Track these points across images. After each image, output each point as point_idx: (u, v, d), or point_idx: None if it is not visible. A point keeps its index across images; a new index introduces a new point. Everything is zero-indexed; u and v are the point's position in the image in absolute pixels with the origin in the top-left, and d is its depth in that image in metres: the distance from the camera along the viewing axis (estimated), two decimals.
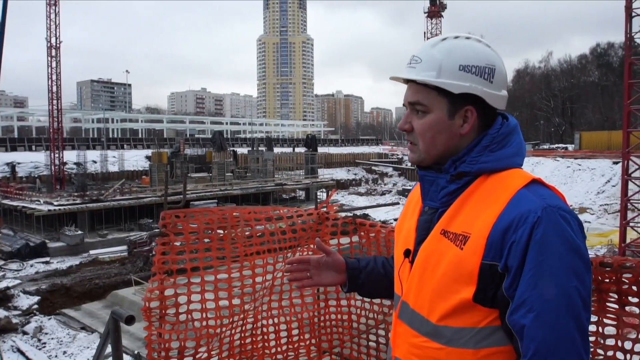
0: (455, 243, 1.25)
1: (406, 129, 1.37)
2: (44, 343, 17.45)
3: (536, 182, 1.25)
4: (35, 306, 20.37)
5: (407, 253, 1.40)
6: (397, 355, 1.41)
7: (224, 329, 2.70)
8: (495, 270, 1.18)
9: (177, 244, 2.60)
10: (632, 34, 22.01)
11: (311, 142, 60.92)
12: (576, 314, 1.13)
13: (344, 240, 2.95)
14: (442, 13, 61.79)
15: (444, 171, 1.34)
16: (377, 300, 2.80)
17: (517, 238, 1.15)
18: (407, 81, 1.38)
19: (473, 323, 1.23)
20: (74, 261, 29.05)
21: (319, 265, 1.65)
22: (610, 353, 1.93)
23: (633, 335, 1.88)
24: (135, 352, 14.56)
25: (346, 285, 1.69)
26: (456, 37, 1.34)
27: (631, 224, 23.58)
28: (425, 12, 61.71)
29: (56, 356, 16.45)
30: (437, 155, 1.34)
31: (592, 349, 1.99)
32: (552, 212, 1.16)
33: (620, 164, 26.08)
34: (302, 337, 2.99)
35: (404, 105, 1.41)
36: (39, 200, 36.81)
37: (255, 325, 2.86)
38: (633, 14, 21.70)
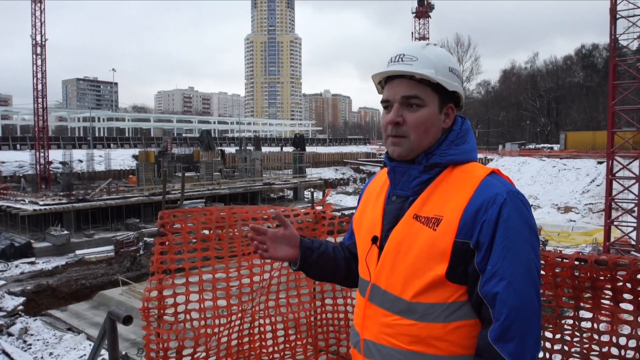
0: (427, 225, 1.38)
1: (399, 121, 1.45)
2: (30, 344, 17.22)
3: (495, 172, 1.43)
4: (21, 307, 20.08)
5: (374, 239, 1.51)
6: (367, 337, 1.48)
7: (221, 329, 2.70)
8: (467, 247, 1.33)
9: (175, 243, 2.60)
10: (617, 36, 22.32)
11: (299, 141, 60.80)
12: (534, 281, 1.31)
13: (340, 239, 2.97)
14: (430, 13, 62.04)
15: (416, 162, 1.46)
16: None
17: (488, 217, 1.32)
18: (388, 79, 1.49)
19: (443, 299, 1.35)
20: (59, 261, 28.66)
21: (275, 238, 1.69)
22: (605, 349, 1.98)
23: (627, 331, 1.92)
24: (123, 352, 14.45)
25: (297, 262, 1.72)
26: (435, 45, 1.51)
27: (615, 223, 23.91)
28: (413, 13, 61.90)
29: (42, 357, 16.23)
30: (426, 146, 1.46)
31: (587, 345, 2.04)
32: (513, 196, 1.34)
33: (604, 164, 26.46)
34: (298, 336, 3.01)
35: (388, 100, 1.48)
36: (24, 200, 36.29)
37: (252, 325, 2.87)
38: (617, 16, 22.01)
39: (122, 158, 61.68)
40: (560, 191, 44.21)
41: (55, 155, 50.79)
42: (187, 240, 2.61)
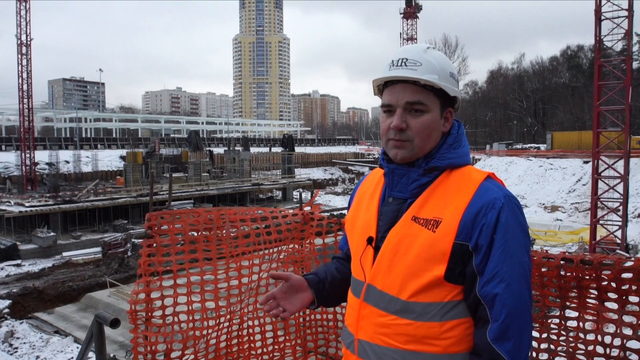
0: (427, 227, 1.40)
1: (403, 127, 1.46)
2: (16, 348, 17.00)
3: (490, 177, 1.46)
4: (6, 310, 19.83)
5: (370, 240, 1.52)
6: (362, 338, 1.49)
7: (210, 331, 2.69)
8: (466, 249, 1.36)
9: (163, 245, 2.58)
10: (602, 37, 22.58)
11: (288, 141, 60.76)
12: (528, 282, 1.37)
13: (329, 240, 2.98)
14: (418, 14, 62.27)
15: (416, 165, 1.48)
16: None
17: (487, 221, 1.35)
18: (388, 82, 1.50)
19: (440, 298, 1.38)
20: (46, 263, 28.35)
21: (283, 295, 1.64)
22: (590, 347, 2.00)
23: (612, 330, 1.95)
24: (111, 355, 14.32)
25: (314, 302, 1.69)
26: (434, 48, 1.51)
27: (601, 222, 24.19)
28: (401, 13, 62.09)
29: None
30: (429, 150, 1.47)
31: (573, 344, 2.06)
32: (510, 201, 1.38)
33: (590, 164, 26.75)
34: (287, 337, 3.00)
35: (390, 104, 1.48)
36: (9, 202, 35.86)
37: (241, 327, 2.86)
38: (602, 18, 22.27)
39: (110, 159, 61.15)
40: (547, 190, 44.62)
41: (41, 156, 50.19)
42: (174, 242, 2.60)
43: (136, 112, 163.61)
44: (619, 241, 23.40)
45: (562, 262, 1.99)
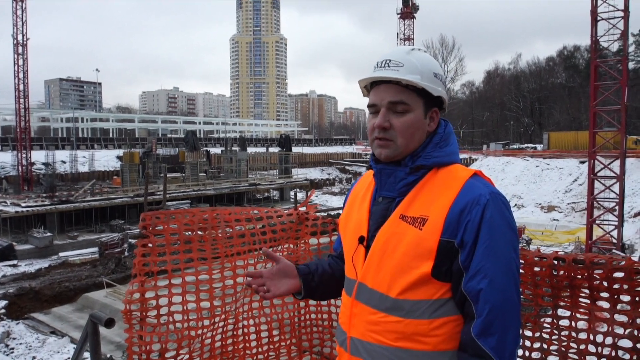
0: (414, 225, 1.42)
1: (386, 126, 1.48)
2: (12, 349, 16.95)
3: (477, 174, 1.48)
4: (3, 311, 19.79)
5: (361, 239, 1.54)
6: (354, 335, 1.51)
7: (205, 330, 2.69)
8: (452, 246, 1.38)
9: (158, 245, 2.59)
10: (598, 38, 22.65)
11: (285, 141, 60.74)
12: (515, 278, 1.38)
13: (324, 239, 2.98)
14: (415, 14, 62.36)
15: (402, 164, 1.50)
16: None
17: (472, 217, 1.37)
18: (374, 83, 1.53)
19: (429, 295, 1.40)
20: (43, 264, 28.28)
21: (272, 276, 1.68)
22: (582, 347, 2.01)
23: (604, 329, 1.96)
24: (108, 355, 14.32)
25: (301, 291, 1.71)
26: (419, 49, 1.55)
27: (597, 222, 24.27)
28: (398, 14, 62.20)
29: None
30: (413, 149, 1.50)
31: (565, 343, 2.07)
32: (495, 197, 1.39)
33: (586, 164, 26.80)
34: (282, 337, 3.01)
35: (374, 105, 1.52)
36: (5, 202, 35.78)
37: (236, 326, 2.86)
38: (598, 18, 22.33)
39: (106, 159, 61.03)
40: (543, 190, 44.68)
41: (38, 156, 50.05)
42: (169, 242, 2.60)
43: (133, 112, 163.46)
44: (615, 241, 23.48)
45: (554, 261, 2.00)
